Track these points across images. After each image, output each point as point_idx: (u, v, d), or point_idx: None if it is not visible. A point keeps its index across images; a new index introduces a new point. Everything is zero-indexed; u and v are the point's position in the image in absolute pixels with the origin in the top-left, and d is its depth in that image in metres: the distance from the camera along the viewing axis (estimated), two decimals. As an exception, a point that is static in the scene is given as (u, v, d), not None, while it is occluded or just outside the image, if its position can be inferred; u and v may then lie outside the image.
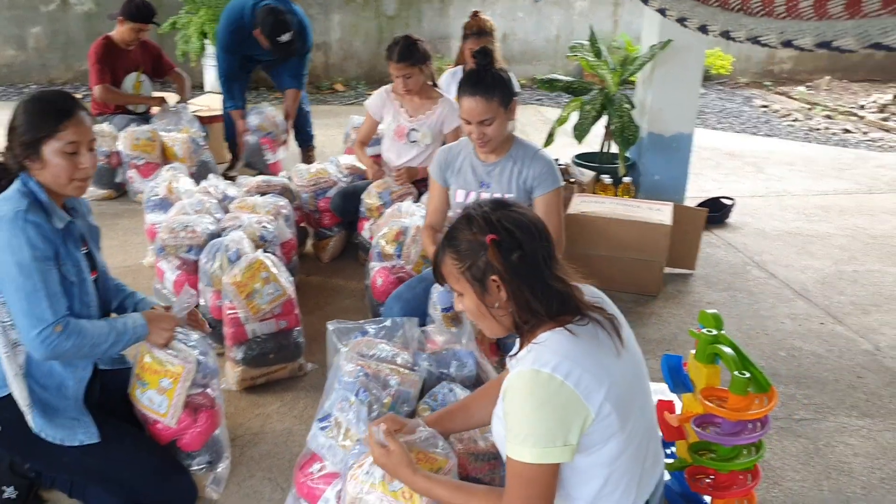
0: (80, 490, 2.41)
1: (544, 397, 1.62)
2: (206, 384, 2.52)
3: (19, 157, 2.24)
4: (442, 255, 1.82)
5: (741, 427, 2.25)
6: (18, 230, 2.12)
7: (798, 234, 5.15)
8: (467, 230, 1.77)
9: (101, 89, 5.29)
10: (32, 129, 2.21)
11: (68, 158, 2.23)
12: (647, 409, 1.83)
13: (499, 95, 2.84)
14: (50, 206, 2.24)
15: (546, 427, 1.61)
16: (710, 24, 1.75)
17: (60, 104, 2.26)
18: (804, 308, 4.06)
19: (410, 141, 4.25)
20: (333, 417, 2.16)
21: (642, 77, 5.31)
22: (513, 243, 1.72)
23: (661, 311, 3.98)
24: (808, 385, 3.32)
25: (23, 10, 8.68)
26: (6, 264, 2.12)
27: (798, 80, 10.74)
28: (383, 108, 4.32)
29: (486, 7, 9.53)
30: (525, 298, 1.71)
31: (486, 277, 1.73)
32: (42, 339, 2.12)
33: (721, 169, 6.72)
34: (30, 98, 2.28)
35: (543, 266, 1.74)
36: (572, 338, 1.67)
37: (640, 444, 1.76)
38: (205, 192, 3.95)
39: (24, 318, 2.13)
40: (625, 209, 4.21)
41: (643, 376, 1.83)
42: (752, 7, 1.61)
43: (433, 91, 4.29)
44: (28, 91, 8.56)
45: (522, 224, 1.75)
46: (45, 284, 2.13)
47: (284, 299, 3.10)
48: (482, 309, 1.77)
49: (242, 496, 2.54)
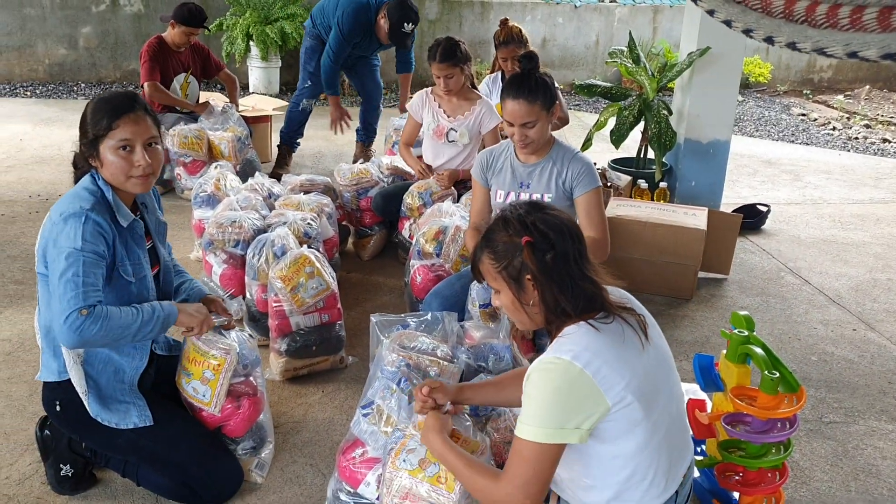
0: (133, 470, 2.52)
1: (561, 382, 1.70)
2: (248, 373, 2.63)
3: (85, 155, 2.36)
4: (480, 254, 1.92)
5: (770, 425, 2.31)
6: (78, 225, 2.21)
7: (833, 241, 5.16)
8: (503, 232, 1.87)
9: (151, 86, 5.43)
10: (91, 129, 2.31)
11: (123, 156, 2.29)
12: (674, 401, 1.89)
13: (541, 99, 2.94)
14: (115, 203, 2.34)
15: (556, 410, 1.69)
16: (776, 36, 1.79)
17: (116, 103, 2.31)
18: (837, 314, 4.08)
19: (449, 141, 4.35)
20: (375, 405, 2.25)
21: (680, 83, 5.36)
22: (546, 245, 1.81)
23: (695, 314, 4.03)
24: (838, 389, 3.35)
25: (74, 11, 8.92)
26: (58, 254, 2.20)
27: (837, 88, 10.68)
28: (423, 108, 4.42)
29: (527, 13, 9.61)
30: (554, 297, 1.80)
31: (521, 276, 1.83)
32: (69, 324, 2.14)
33: (758, 176, 6.73)
34: (94, 98, 2.39)
35: (574, 267, 1.82)
36: (595, 332, 1.76)
37: (667, 435, 1.82)
38: (251, 190, 4.07)
39: (59, 301, 2.17)
40: (660, 213, 4.26)
41: (670, 370, 1.90)
42: (816, 20, 1.66)
43: (472, 93, 4.39)
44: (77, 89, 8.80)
45: (556, 226, 1.85)
46: (85, 274, 2.18)
47: (328, 293, 3.20)
48: (517, 305, 1.87)
49: (285, 480, 2.64)
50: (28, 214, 4.89)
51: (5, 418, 2.91)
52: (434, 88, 4.39)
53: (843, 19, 1.62)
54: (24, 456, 2.70)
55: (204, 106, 5.69)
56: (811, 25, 1.72)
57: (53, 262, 2.22)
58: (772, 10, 1.87)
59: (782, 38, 1.80)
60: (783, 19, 1.83)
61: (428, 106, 4.40)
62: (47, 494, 2.53)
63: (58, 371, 2.40)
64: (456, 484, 1.96)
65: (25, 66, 8.97)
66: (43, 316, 2.41)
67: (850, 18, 1.59)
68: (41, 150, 6.29)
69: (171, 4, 8.67)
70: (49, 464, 2.55)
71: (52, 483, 2.53)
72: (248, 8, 8.36)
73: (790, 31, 1.78)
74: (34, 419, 2.75)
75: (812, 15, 1.71)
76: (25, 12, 8.79)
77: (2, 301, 3.81)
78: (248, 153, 5.50)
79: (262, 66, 8.69)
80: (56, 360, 2.40)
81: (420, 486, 2.01)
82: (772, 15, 1.87)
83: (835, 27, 1.65)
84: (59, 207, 2.30)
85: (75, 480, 2.54)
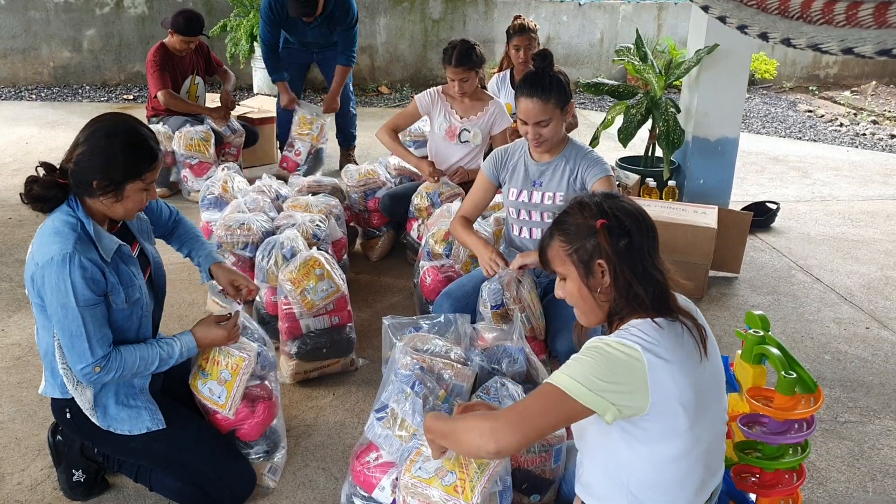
0: (146, 475, 2.51)
1: (616, 357, 1.67)
2: (264, 376, 2.62)
3: (91, 191, 2.25)
4: (550, 238, 1.90)
5: (787, 426, 2.29)
6: (66, 274, 2.18)
7: (844, 238, 5.13)
8: (579, 215, 1.86)
9: (166, 94, 5.41)
10: (123, 171, 2.24)
11: (143, 194, 2.33)
12: (719, 420, 1.87)
13: (555, 97, 2.91)
14: (97, 236, 2.27)
15: (598, 375, 1.65)
16: (771, 32, 1.79)
17: (149, 147, 2.29)
18: (849, 312, 4.06)
19: (462, 141, 4.33)
20: (390, 408, 2.24)
21: (688, 81, 5.33)
22: (622, 230, 1.80)
23: (705, 313, 3.95)
24: (853, 388, 3.33)
25: (78, 13, 8.91)
26: (53, 303, 2.21)
27: (844, 84, 10.64)
28: (433, 107, 4.40)
29: (531, 11, 9.59)
30: (628, 283, 1.78)
31: (592, 261, 1.81)
32: (84, 375, 2.25)
33: (766, 173, 6.70)
34: (124, 138, 2.26)
35: (647, 256, 1.81)
36: (659, 329, 1.74)
37: (704, 454, 1.79)
38: (259, 191, 4.06)
39: (68, 352, 2.25)
40: (669, 212, 4.24)
41: (721, 389, 1.88)
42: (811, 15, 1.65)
43: (483, 93, 4.38)
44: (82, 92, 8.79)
45: (632, 214, 1.84)
46: (87, 327, 2.21)
47: (338, 295, 3.19)
48: (584, 292, 1.85)
49: (298, 485, 2.63)
50: (35, 218, 4.80)
51: (16, 423, 2.90)
52: (445, 88, 4.37)
53: (838, 15, 1.61)
54: (35, 461, 2.70)
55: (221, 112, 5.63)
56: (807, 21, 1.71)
57: (52, 309, 2.22)
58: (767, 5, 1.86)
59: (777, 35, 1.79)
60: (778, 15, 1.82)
61: (440, 106, 4.38)
62: (59, 500, 2.52)
63: (60, 391, 2.40)
64: (473, 494, 1.94)
65: (30, 69, 8.96)
66: (41, 338, 2.39)
67: (846, 14, 1.58)
68: (47, 153, 6.27)
69: (175, 6, 8.72)
70: (61, 469, 2.55)
71: (65, 488, 2.53)
72: (251, 9, 8.34)
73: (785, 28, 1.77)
74: (45, 424, 2.74)
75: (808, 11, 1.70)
76: (30, 15, 8.79)
77: (11, 305, 3.80)
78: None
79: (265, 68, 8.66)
80: (54, 380, 2.39)
81: (437, 495, 1.99)
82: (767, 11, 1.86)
83: (830, 23, 1.64)
84: (40, 248, 2.24)
85: (88, 486, 2.54)
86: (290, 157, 5.57)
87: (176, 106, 5.46)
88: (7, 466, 2.67)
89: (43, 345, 2.38)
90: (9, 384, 3.15)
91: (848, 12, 1.55)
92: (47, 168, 2.32)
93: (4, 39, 8.80)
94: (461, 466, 1.98)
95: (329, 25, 5.48)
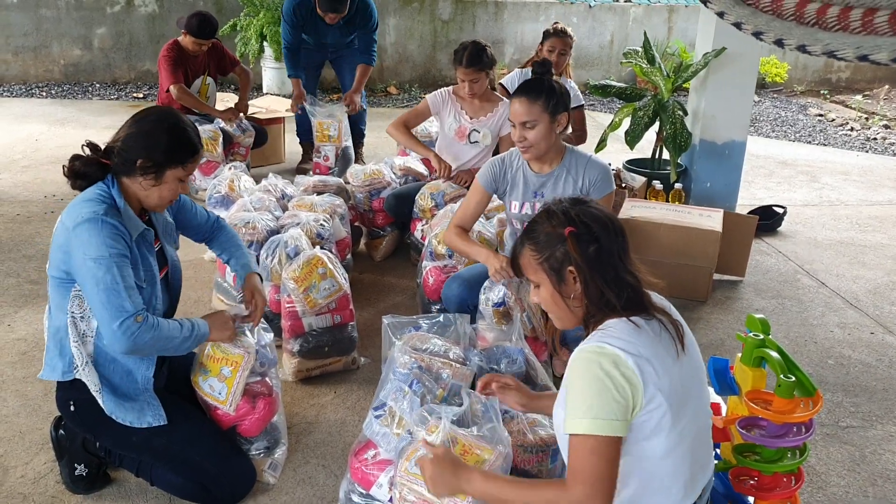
0: (147, 470, 2.52)
1: (605, 371, 1.67)
2: (264, 373, 2.64)
3: (133, 170, 2.34)
4: (521, 246, 1.92)
5: (786, 430, 2.28)
6: (96, 230, 2.23)
7: (851, 243, 5.11)
8: (547, 223, 1.87)
9: (179, 89, 5.41)
10: (166, 154, 2.34)
11: (179, 186, 2.42)
12: (702, 414, 1.87)
13: (544, 100, 2.91)
14: (126, 213, 2.35)
15: (605, 399, 1.65)
16: (787, 38, 1.78)
17: (196, 139, 2.43)
18: (854, 317, 4.05)
19: (471, 141, 4.34)
20: (388, 406, 2.25)
21: (695, 84, 5.33)
22: (590, 236, 1.81)
23: (709, 316, 4.00)
24: (855, 393, 3.32)
25: (89, 12, 8.96)
26: (85, 261, 2.23)
27: (856, 88, 10.60)
28: (443, 107, 4.40)
29: (541, 12, 9.59)
30: (599, 289, 1.79)
31: (563, 268, 1.82)
32: (124, 330, 2.21)
33: (774, 177, 6.68)
34: (172, 124, 2.39)
35: (618, 261, 1.82)
36: (636, 328, 1.74)
37: (691, 448, 1.79)
38: (265, 191, 4.08)
39: (104, 310, 2.22)
40: (675, 215, 4.24)
41: (701, 383, 1.88)
42: (827, 22, 1.65)
43: (493, 95, 4.38)
44: (92, 90, 8.84)
45: (600, 219, 1.84)
46: (123, 278, 2.23)
47: (340, 294, 3.20)
48: (557, 299, 1.86)
49: (298, 481, 2.64)
50: (43, 214, 4.92)
51: (21, 417, 2.93)
52: (456, 89, 4.38)
53: (854, 22, 1.61)
54: (39, 455, 2.72)
55: (231, 113, 5.65)
56: (822, 28, 1.71)
57: (82, 270, 2.24)
58: (782, 12, 1.86)
59: (792, 41, 1.79)
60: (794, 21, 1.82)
61: (450, 106, 4.38)
62: (62, 494, 2.54)
63: (62, 371, 2.41)
64: (466, 497, 1.94)
65: (41, 66, 9.02)
66: (53, 318, 2.41)
67: (862, 21, 1.58)
68: (56, 150, 6.32)
69: (185, 5, 8.76)
70: (63, 463, 2.57)
71: (67, 482, 2.55)
72: (261, 8, 8.37)
73: (801, 34, 1.77)
74: (49, 418, 2.76)
75: (823, 17, 1.70)
76: (41, 13, 8.85)
77: (17, 300, 3.83)
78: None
79: (275, 67, 8.70)
80: (62, 359, 2.41)
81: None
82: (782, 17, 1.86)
83: (846, 30, 1.63)
84: (71, 213, 2.31)
85: (89, 480, 2.56)
86: (320, 164, 5.58)
87: (187, 102, 5.48)
88: (11, 460, 2.69)
89: (55, 323, 2.39)
90: (14, 378, 3.17)
91: (864, 19, 1.55)
92: (92, 147, 2.42)
93: (16, 37, 8.87)
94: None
95: (349, 28, 5.55)
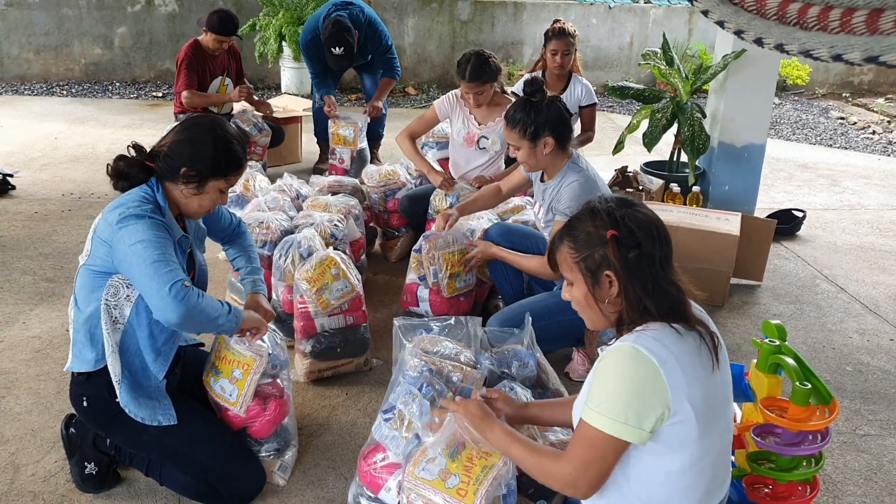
0: (156, 469, 2.53)
1: (635, 374, 1.65)
2: (276, 374, 2.63)
3: (176, 177, 2.37)
4: (559, 242, 1.87)
5: (801, 438, 2.25)
6: (143, 223, 2.26)
7: (871, 248, 5.05)
8: (589, 222, 1.83)
9: (189, 94, 5.45)
10: (212, 166, 2.37)
11: (220, 196, 2.44)
12: (727, 433, 1.85)
13: (520, 128, 3.08)
14: (168, 217, 2.38)
15: (626, 402, 1.64)
16: (766, 37, 1.79)
17: (240, 154, 2.45)
18: (874, 323, 3.99)
19: (480, 148, 4.31)
20: (397, 410, 2.23)
21: (715, 86, 5.28)
22: (632, 241, 1.76)
23: (726, 321, 3.96)
24: (874, 401, 3.27)
25: (110, 11, 9.02)
26: (131, 246, 2.23)
27: (878, 91, 10.48)
28: (451, 112, 4.38)
29: (560, 13, 9.55)
30: (637, 296, 1.75)
31: (599, 271, 1.78)
32: (175, 294, 2.19)
33: (794, 181, 6.61)
34: (219, 135, 2.41)
35: (659, 269, 1.77)
36: (677, 336, 1.71)
37: (713, 463, 1.77)
38: (279, 190, 4.08)
39: (153, 280, 2.21)
40: (692, 218, 4.20)
41: (730, 400, 1.85)
42: (807, 21, 1.65)
43: (502, 98, 4.32)
44: (112, 89, 8.89)
45: (645, 224, 1.80)
46: (168, 256, 2.25)
47: (353, 295, 3.19)
48: (590, 300, 1.82)
49: (307, 483, 2.64)
50: (61, 213, 4.95)
51: (33, 415, 2.94)
52: (462, 94, 4.34)
53: (833, 21, 1.62)
54: (50, 453, 2.72)
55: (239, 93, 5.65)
56: (802, 27, 1.72)
57: (128, 256, 2.24)
58: (766, 11, 1.86)
59: (771, 40, 1.80)
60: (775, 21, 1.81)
61: (458, 111, 4.34)
62: (72, 492, 2.55)
63: (94, 360, 2.41)
64: (476, 497, 1.93)
65: (62, 65, 9.09)
66: (81, 306, 2.42)
67: (840, 21, 1.60)
68: (75, 148, 6.35)
69: (206, 5, 8.80)
70: (74, 462, 2.57)
71: (77, 481, 2.55)
72: (280, 8, 8.40)
73: (780, 33, 1.78)
74: (61, 416, 2.77)
75: (804, 17, 1.70)
76: (62, 12, 8.91)
77: (33, 298, 3.85)
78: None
79: (294, 67, 8.72)
80: (93, 348, 2.40)
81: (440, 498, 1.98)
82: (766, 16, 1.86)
83: (825, 29, 1.64)
84: (116, 209, 2.31)
85: (99, 479, 2.56)
86: (335, 165, 5.61)
87: (199, 104, 5.51)
88: (22, 457, 2.70)
89: (85, 312, 2.38)
90: (27, 376, 3.18)
91: (842, 18, 1.56)
92: (137, 149, 2.43)
93: (38, 36, 8.94)
94: (465, 469, 1.97)
95: (363, 53, 5.62)
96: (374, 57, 5.74)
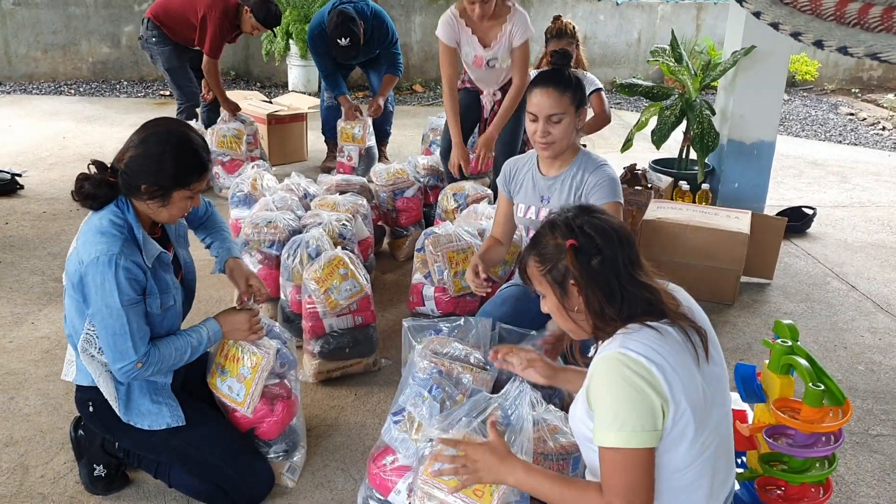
0: (165, 471, 2.52)
1: (630, 378, 1.63)
2: (283, 374, 2.61)
3: (138, 194, 2.28)
4: (527, 257, 1.88)
5: (814, 439, 2.23)
6: (111, 275, 2.20)
7: (882, 246, 5.01)
8: (550, 234, 1.83)
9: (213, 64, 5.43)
10: (171, 179, 2.27)
11: (188, 203, 2.36)
12: (724, 425, 1.82)
13: (572, 93, 2.71)
14: (143, 239, 2.31)
15: (633, 409, 1.62)
16: (827, 40, 1.74)
17: (201, 158, 2.33)
18: (886, 322, 3.96)
19: (490, 67, 4.31)
20: (407, 412, 2.22)
21: (724, 83, 5.25)
22: (592, 249, 1.75)
23: (736, 320, 3.93)
24: (886, 400, 3.24)
25: (117, 10, 9.04)
26: (97, 302, 2.23)
27: (888, 87, 10.43)
28: (456, 35, 4.24)
29: (568, 9, 9.52)
30: (599, 304, 1.74)
31: (565, 281, 1.78)
32: (124, 373, 2.28)
33: (803, 178, 6.58)
34: (177, 143, 2.29)
35: (624, 272, 1.75)
36: (657, 334, 1.69)
37: (712, 459, 1.75)
38: (287, 190, 4.07)
39: (109, 351, 2.27)
40: (702, 216, 4.17)
41: (724, 391, 1.83)
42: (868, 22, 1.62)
43: (503, 7, 4.16)
44: (120, 87, 8.90)
45: (604, 230, 1.78)
46: (130, 326, 2.24)
47: (361, 295, 3.18)
48: (562, 311, 1.82)
49: (316, 485, 2.63)
50: (69, 212, 4.95)
51: (42, 416, 2.94)
52: (461, 11, 4.18)
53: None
54: (59, 455, 2.72)
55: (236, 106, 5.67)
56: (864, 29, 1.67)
57: (93, 308, 2.25)
58: (822, 12, 1.81)
59: (833, 42, 1.75)
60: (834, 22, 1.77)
61: (461, 34, 4.23)
62: (81, 494, 2.54)
63: (87, 377, 2.42)
64: (492, 498, 1.91)
65: (70, 64, 9.10)
66: (69, 326, 2.41)
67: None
68: (83, 147, 6.37)
69: (216, 4, 8.77)
70: (83, 464, 2.57)
71: (86, 483, 2.55)
72: (288, 6, 8.39)
73: (842, 35, 1.73)
74: (70, 418, 2.77)
75: (865, 17, 1.66)
76: (70, 11, 8.93)
77: (41, 298, 3.85)
78: (254, 151, 5.62)
79: (301, 65, 8.72)
80: None
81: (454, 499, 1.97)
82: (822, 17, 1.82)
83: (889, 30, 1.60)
84: (85, 246, 2.25)
85: (108, 481, 2.55)
86: (343, 163, 5.62)
87: (212, 78, 5.50)
88: (31, 459, 2.70)
89: (77, 333, 2.38)
90: (36, 377, 3.18)
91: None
92: (99, 166, 2.36)
93: (45, 35, 8.95)
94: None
95: (369, 47, 5.59)
96: (380, 52, 5.73)
